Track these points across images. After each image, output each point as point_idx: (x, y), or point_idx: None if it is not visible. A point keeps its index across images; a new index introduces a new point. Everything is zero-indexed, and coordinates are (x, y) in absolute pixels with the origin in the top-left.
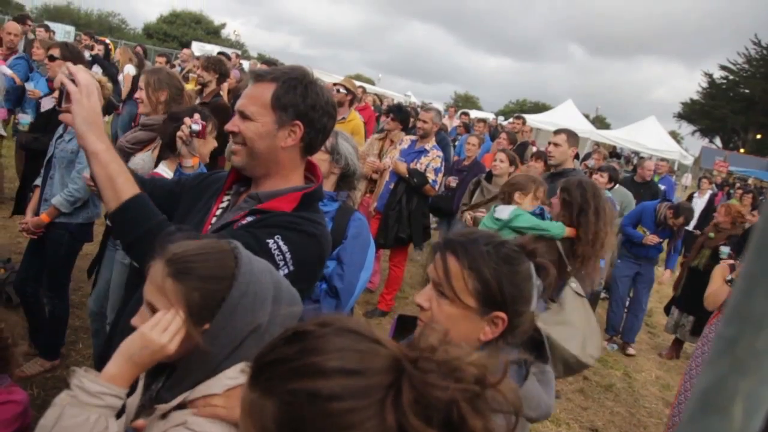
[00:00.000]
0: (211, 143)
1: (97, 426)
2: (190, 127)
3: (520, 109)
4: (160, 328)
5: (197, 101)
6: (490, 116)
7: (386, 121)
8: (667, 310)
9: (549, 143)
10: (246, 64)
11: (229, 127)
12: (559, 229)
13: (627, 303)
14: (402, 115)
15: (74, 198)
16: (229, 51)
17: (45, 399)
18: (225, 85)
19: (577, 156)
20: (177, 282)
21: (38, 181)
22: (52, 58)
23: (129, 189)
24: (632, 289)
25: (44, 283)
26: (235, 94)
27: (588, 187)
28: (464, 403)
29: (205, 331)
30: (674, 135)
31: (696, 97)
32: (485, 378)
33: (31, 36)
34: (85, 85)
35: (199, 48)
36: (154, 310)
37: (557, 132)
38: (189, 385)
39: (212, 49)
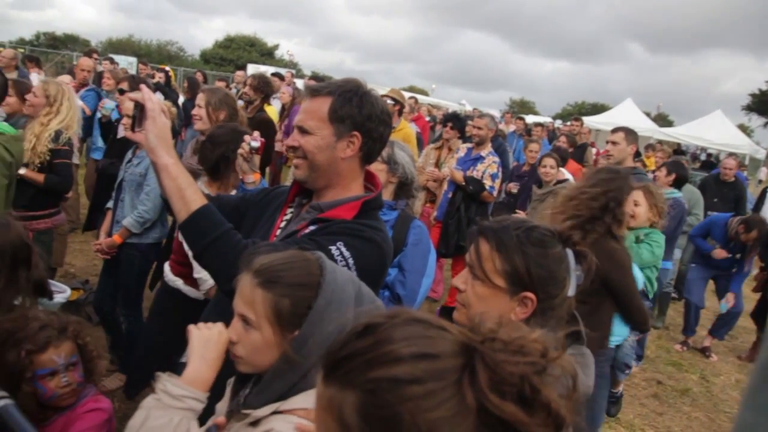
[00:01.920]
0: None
1: (179, 428)
2: (250, 144)
3: (579, 111)
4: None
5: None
6: (548, 120)
7: (445, 130)
8: (756, 314)
9: (607, 142)
10: (300, 83)
11: (289, 142)
12: None
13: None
14: (460, 123)
15: (144, 219)
16: (283, 71)
17: (126, 412)
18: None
19: (638, 154)
20: (266, 291)
21: (110, 204)
22: (121, 92)
23: (197, 199)
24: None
25: (119, 301)
26: (289, 110)
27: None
28: (535, 376)
29: (293, 338)
30: (743, 128)
31: (766, 87)
32: (548, 352)
33: (99, 68)
34: (157, 103)
35: (254, 70)
36: (246, 321)
37: (615, 130)
38: (276, 391)
39: (267, 71)
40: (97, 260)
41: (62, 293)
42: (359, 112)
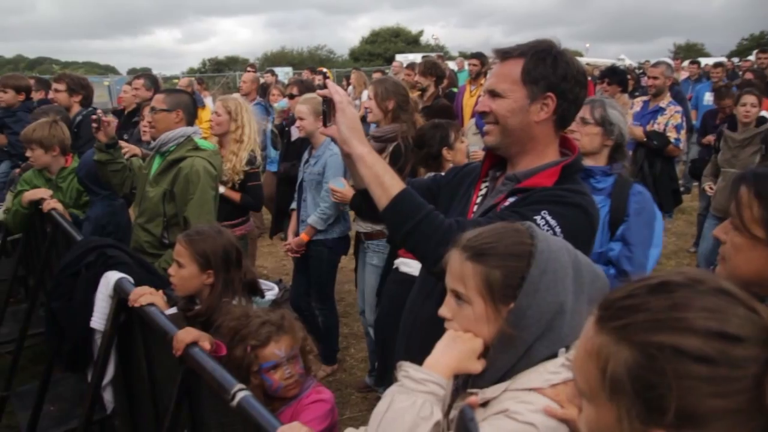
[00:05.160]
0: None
1: (423, 410)
2: None
3: (757, 44)
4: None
5: (420, 106)
6: (723, 60)
7: (603, 87)
8: None
9: None
10: (451, 64)
11: (479, 107)
12: None
13: None
14: (617, 76)
15: (326, 215)
16: (433, 55)
17: None
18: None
19: None
20: (476, 264)
21: (294, 205)
22: (291, 96)
23: (396, 185)
24: None
25: (313, 296)
26: (445, 93)
27: None
28: None
29: (509, 311)
30: None
31: None
32: None
33: (261, 80)
34: (344, 95)
35: (402, 59)
36: (458, 296)
37: None
38: (500, 369)
39: (415, 58)
40: (286, 260)
41: (271, 291)
42: (553, 72)
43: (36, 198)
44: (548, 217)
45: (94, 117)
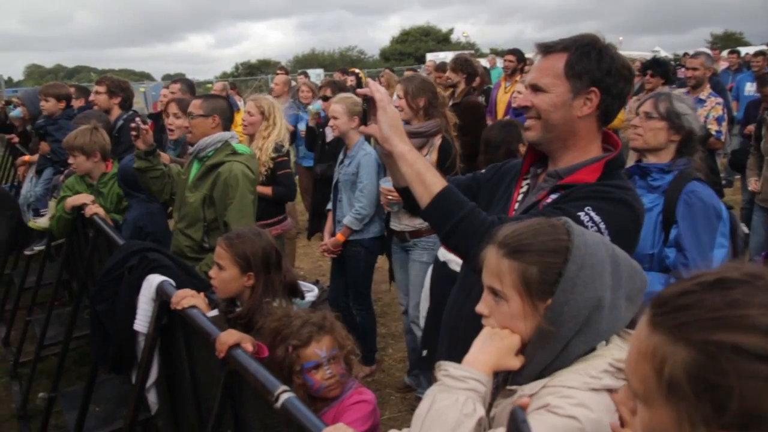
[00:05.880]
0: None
1: (465, 407)
2: None
3: None
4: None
5: (450, 103)
6: (764, 48)
7: (646, 79)
8: None
9: None
10: (483, 61)
11: (521, 101)
12: None
13: None
14: (661, 68)
15: (362, 215)
16: (465, 53)
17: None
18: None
19: None
20: (513, 260)
21: (330, 206)
22: (325, 98)
23: (438, 182)
24: None
25: (351, 296)
26: (481, 90)
27: None
28: None
29: (546, 307)
30: None
31: None
32: None
33: (293, 83)
34: (384, 94)
35: (433, 57)
36: (495, 293)
37: None
38: (539, 364)
39: (445, 56)
40: (322, 261)
41: (311, 292)
42: (598, 66)
43: (78, 203)
44: (592, 213)
45: (133, 125)
